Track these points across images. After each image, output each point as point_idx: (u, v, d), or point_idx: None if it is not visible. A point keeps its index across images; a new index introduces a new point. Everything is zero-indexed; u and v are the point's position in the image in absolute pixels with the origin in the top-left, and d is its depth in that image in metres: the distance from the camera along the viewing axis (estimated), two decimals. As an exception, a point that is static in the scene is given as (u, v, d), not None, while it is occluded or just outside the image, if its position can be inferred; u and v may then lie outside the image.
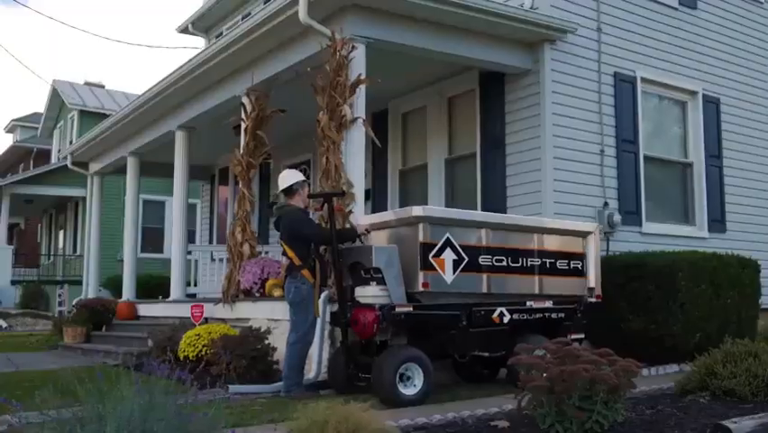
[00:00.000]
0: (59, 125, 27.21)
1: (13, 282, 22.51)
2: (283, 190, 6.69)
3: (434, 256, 6.29)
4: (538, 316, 7.07)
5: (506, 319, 6.78)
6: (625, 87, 9.39)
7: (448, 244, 6.39)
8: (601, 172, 9.02)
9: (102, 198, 14.83)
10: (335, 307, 6.48)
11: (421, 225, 6.26)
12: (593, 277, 7.45)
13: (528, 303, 7.00)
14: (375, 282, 6.29)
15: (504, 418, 5.23)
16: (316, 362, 6.89)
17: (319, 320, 6.63)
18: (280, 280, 7.18)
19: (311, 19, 7.34)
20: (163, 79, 10.36)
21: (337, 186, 7.18)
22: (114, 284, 16.27)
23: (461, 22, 8.04)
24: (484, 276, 6.62)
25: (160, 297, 12.40)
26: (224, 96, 9.76)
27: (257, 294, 8.03)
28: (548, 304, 7.13)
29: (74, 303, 12.10)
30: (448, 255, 6.37)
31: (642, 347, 8.07)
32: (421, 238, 6.26)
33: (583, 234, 7.48)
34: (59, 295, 13.16)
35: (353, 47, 7.35)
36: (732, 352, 6.13)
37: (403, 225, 6.51)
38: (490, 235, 6.69)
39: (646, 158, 9.57)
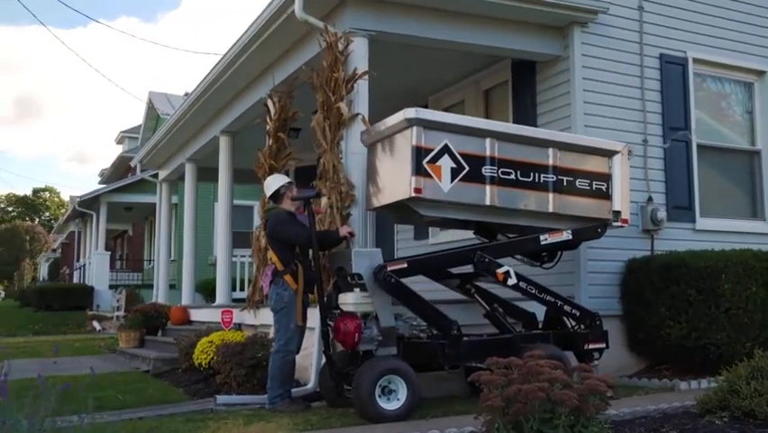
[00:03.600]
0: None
1: (112, 287, 23.58)
2: (271, 197, 6.46)
3: (428, 162, 5.89)
4: (549, 299, 6.50)
5: (511, 282, 6.28)
6: (673, 69, 8.53)
7: (446, 150, 5.97)
8: (644, 165, 8.22)
9: (170, 203, 15.19)
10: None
11: (414, 129, 5.87)
12: (619, 200, 6.78)
13: (543, 238, 6.47)
14: (359, 289, 5.92)
15: (469, 439, 4.76)
16: (313, 372, 6.63)
17: (317, 329, 6.36)
18: None
19: (307, 14, 7.07)
20: (198, 86, 10.40)
21: (336, 187, 6.87)
22: (205, 287, 16.62)
23: (479, 8, 7.53)
24: (487, 188, 6.14)
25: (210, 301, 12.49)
26: (252, 99, 9.67)
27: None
28: (566, 236, 6.55)
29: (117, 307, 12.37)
30: (445, 162, 5.97)
31: (684, 357, 7.32)
32: (414, 141, 5.86)
33: (609, 154, 6.83)
34: (117, 300, 13.56)
35: (350, 41, 7.00)
36: (761, 366, 5.34)
37: (397, 133, 6.12)
38: (496, 146, 6.20)
39: (700, 147, 8.67)
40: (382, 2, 7.25)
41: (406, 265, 6.14)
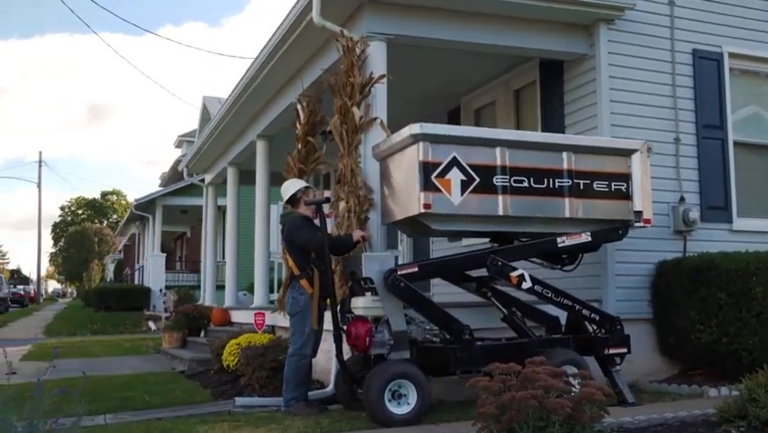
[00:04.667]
0: (209, 139, 28.94)
1: (168, 287, 24.19)
2: (288, 201, 6.53)
3: (437, 176, 5.87)
4: (566, 302, 6.36)
5: (525, 285, 6.19)
6: (706, 65, 8.27)
7: (454, 163, 5.94)
8: (676, 164, 7.99)
9: (216, 206, 15.49)
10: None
11: (420, 144, 5.86)
12: (640, 200, 6.62)
13: (560, 240, 6.36)
14: (370, 293, 5.94)
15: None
16: (332, 375, 6.67)
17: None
18: None
19: (324, 20, 7.13)
20: (233, 91, 10.60)
21: (354, 191, 6.90)
22: (252, 288, 16.81)
23: (498, 8, 7.45)
24: (499, 198, 6.09)
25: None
26: (283, 104, 9.79)
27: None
28: (584, 238, 6.43)
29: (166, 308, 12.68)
30: (455, 175, 5.93)
31: (716, 362, 7.10)
32: (420, 157, 5.86)
33: (627, 153, 6.67)
34: (164, 302, 13.92)
35: (366, 45, 7.03)
36: (781, 374, 5.14)
37: (404, 148, 6.12)
38: (507, 154, 6.14)
39: (737, 144, 8.38)
40: (400, 5, 7.24)
41: (416, 269, 6.13)
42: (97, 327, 20.62)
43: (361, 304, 5.91)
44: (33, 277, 63.75)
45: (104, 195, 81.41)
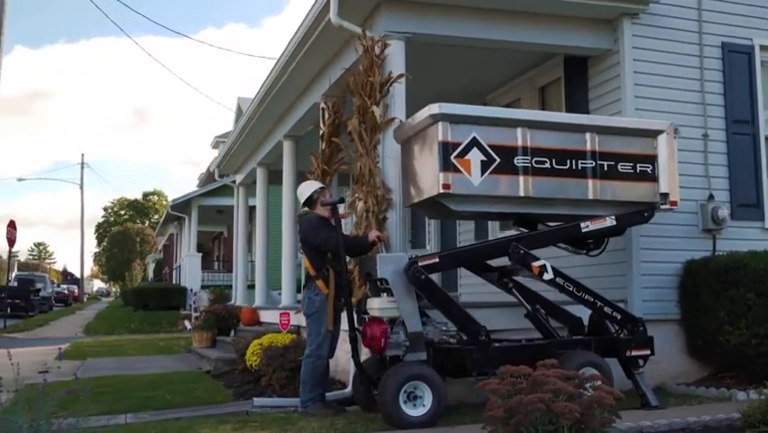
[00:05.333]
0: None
1: (204, 287, 24.46)
2: (304, 204, 6.53)
3: (456, 156, 5.86)
4: (587, 298, 6.24)
5: (546, 277, 6.10)
6: (736, 58, 8.04)
7: (474, 143, 5.92)
8: (705, 160, 7.79)
9: (246, 207, 15.61)
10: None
11: (440, 124, 5.85)
12: (666, 181, 6.50)
13: (584, 225, 6.27)
14: (386, 293, 5.91)
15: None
16: (351, 376, 6.65)
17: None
18: None
19: (342, 20, 7.12)
20: (258, 92, 10.65)
21: (372, 191, 6.87)
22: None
23: (517, 4, 7.36)
24: (520, 178, 6.04)
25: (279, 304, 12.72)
26: (307, 104, 9.81)
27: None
28: (609, 222, 6.31)
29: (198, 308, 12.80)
30: (475, 155, 5.92)
31: (746, 365, 6.90)
32: (440, 137, 5.84)
33: (653, 134, 6.56)
34: (194, 301, 14.07)
35: (386, 44, 6.99)
36: (807, 377, 4.98)
37: (424, 129, 6.11)
38: (528, 135, 6.08)
39: (770, 140, 8.14)
40: (418, 3, 7.19)
41: (437, 260, 6.10)
42: (134, 326, 20.96)
43: (376, 305, 5.87)
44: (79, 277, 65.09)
45: (145, 195, 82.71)
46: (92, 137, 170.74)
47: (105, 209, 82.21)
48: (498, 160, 5.98)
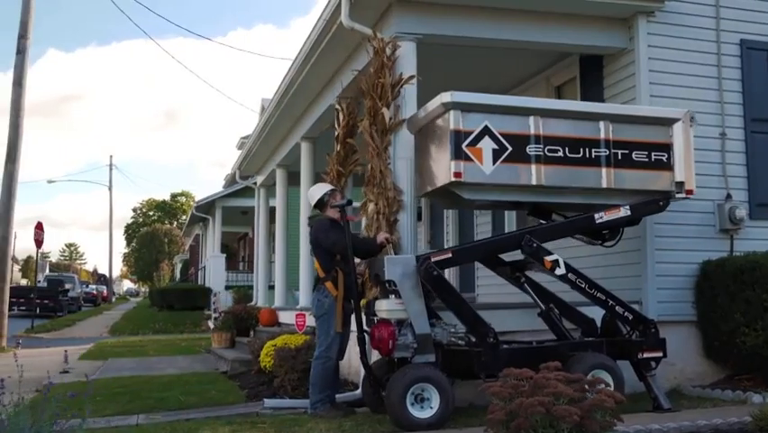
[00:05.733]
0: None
1: (228, 287, 24.64)
2: (315, 206, 6.55)
3: (468, 145, 5.87)
4: (599, 296, 6.19)
5: (559, 272, 6.08)
6: (756, 56, 7.91)
7: (486, 132, 5.93)
8: (722, 159, 7.68)
9: (267, 208, 15.70)
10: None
11: (452, 113, 5.87)
12: (682, 170, 6.43)
13: (598, 216, 6.23)
14: (394, 295, 5.90)
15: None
16: (361, 378, 6.66)
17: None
18: None
19: (353, 22, 7.14)
20: (275, 94, 10.71)
21: (383, 193, 6.87)
22: None
23: (528, 4, 7.32)
24: (533, 167, 6.03)
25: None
26: (323, 106, 9.84)
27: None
28: (624, 212, 6.27)
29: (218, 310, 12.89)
30: (486, 144, 5.92)
31: (762, 367, 6.80)
32: (452, 126, 5.86)
33: (668, 122, 6.50)
34: (213, 302, 14.19)
35: (396, 46, 6.98)
36: (820, 381, 4.88)
37: (436, 118, 6.13)
38: (540, 123, 6.07)
39: (790, 138, 7.98)
40: (430, 4, 7.17)
41: (450, 255, 6.12)
42: (159, 327, 21.19)
43: (384, 307, 5.87)
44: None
45: (173, 196, 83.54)
46: (123, 139, 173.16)
47: (134, 210, 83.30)
48: (511, 148, 5.98)
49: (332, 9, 7.41)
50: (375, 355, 6.25)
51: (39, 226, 21.36)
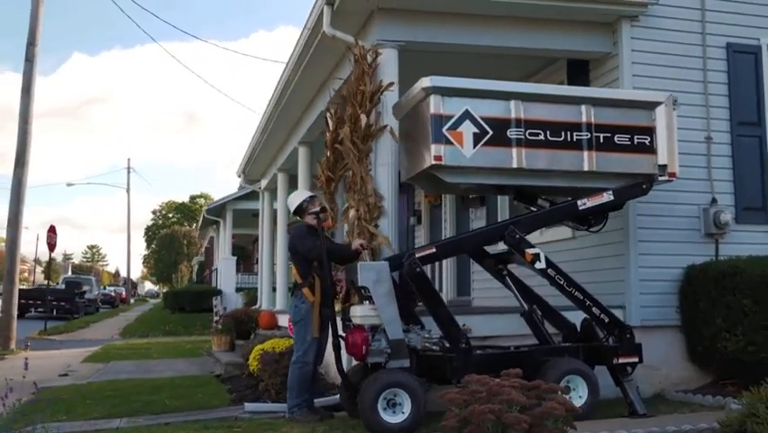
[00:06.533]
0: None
1: (239, 289, 24.84)
2: (295, 212, 6.63)
3: (449, 129, 5.95)
4: (577, 295, 6.21)
5: (539, 266, 6.13)
6: (742, 59, 7.87)
7: (467, 116, 6.01)
8: (707, 163, 7.65)
9: (271, 211, 15.82)
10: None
11: (432, 97, 5.96)
12: (665, 153, 6.45)
13: (581, 203, 6.29)
14: (368, 301, 5.96)
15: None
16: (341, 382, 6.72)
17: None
18: None
19: (335, 29, 7.22)
20: (270, 100, 10.82)
21: (364, 199, 6.94)
22: None
23: (509, 10, 7.34)
24: (513, 150, 6.09)
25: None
26: (316, 112, 9.92)
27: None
28: (607, 197, 6.31)
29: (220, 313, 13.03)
30: (467, 128, 6.00)
31: (745, 372, 6.75)
32: (432, 110, 5.95)
33: (650, 106, 6.53)
34: (215, 305, 14.35)
35: (378, 53, 7.04)
36: (787, 387, 4.87)
37: (418, 103, 6.22)
38: (521, 107, 6.14)
39: (778, 141, 7.94)
40: (412, 11, 7.23)
41: (434, 250, 6.20)
42: (169, 329, 21.39)
43: (357, 313, 5.93)
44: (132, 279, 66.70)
45: (192, 198, 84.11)
46: (144, 141, 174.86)
47: (154, 212, 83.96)
48: (491, 132, 6.05)
49: (315, 18, 7.50)
50: (355, 361, 6.31)
51: (51, 230, 21.68)
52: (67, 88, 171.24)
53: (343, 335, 6.04)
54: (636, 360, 6.22)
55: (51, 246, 21.58)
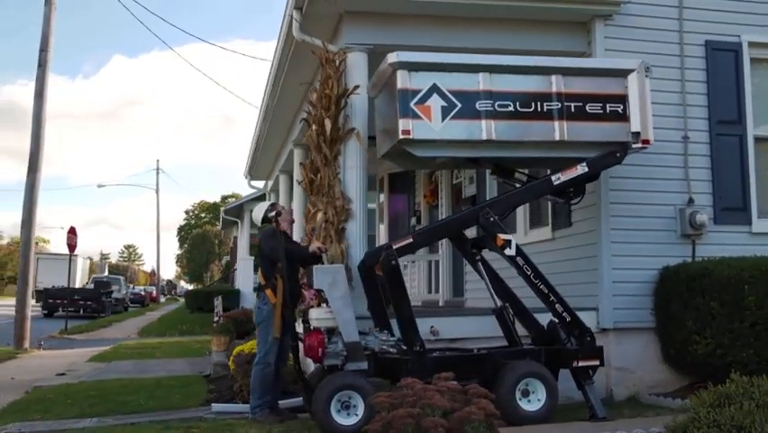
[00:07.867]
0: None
1: (255, 289, 24.99)
2: (260, 227, 6.75)
3: (416, 103, 6.03)
4: (542, 288, 6.23)
5: (508, 252, 6.17)
6: (722, 57, 7.75)
7: (434, 89, 6.09)
8: (684, 163, 7.55)
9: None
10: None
11: (399, 72, 6.04)
12: (638, 120, 6.44)
13: (555, 178, 6.33)
14: (325, 304, 6.01)
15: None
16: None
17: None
18: None
19: (304, 34, 7.28)
20: (261, 103, 10.93)
21: (331, 201, 6.98)
22: None
23: (481, 12, 7.33)
24: (482, 122, 6.14)
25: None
26: (303, 114, 9.97)
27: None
28: (581, 170, 6.32)
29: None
30: (435, 102, 6.08)
31: (715, 375, 6.65)
32: (399, 85, 6.04)
33: (622, 74, 6.54)
34: (216, 306, 14.46)
35: (344, 57, 7.08)
36: (729, 392, 4.80)
37: (387, 79, 6.30)
38: (490, 79, 6.19)
39: (759, 140, 7.81)
40: (381, 14, 7.25)
41: (411, 240, 6.27)
42: (185, 328, 21.67)
43: (314, 315, 5.99)
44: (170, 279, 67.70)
45: (224, 198, 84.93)
46: (181, 142, 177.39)
47: (186, 212, 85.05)
48: (460, 105, 6.11)
49: (287, 23, 7.55)
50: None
51: (72, 231, 22.11)
52: (108, 90, 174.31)
53: (301, 337, 6.11)
54: (597, 363, 6.19)
55: (72, 247, 22.00)
